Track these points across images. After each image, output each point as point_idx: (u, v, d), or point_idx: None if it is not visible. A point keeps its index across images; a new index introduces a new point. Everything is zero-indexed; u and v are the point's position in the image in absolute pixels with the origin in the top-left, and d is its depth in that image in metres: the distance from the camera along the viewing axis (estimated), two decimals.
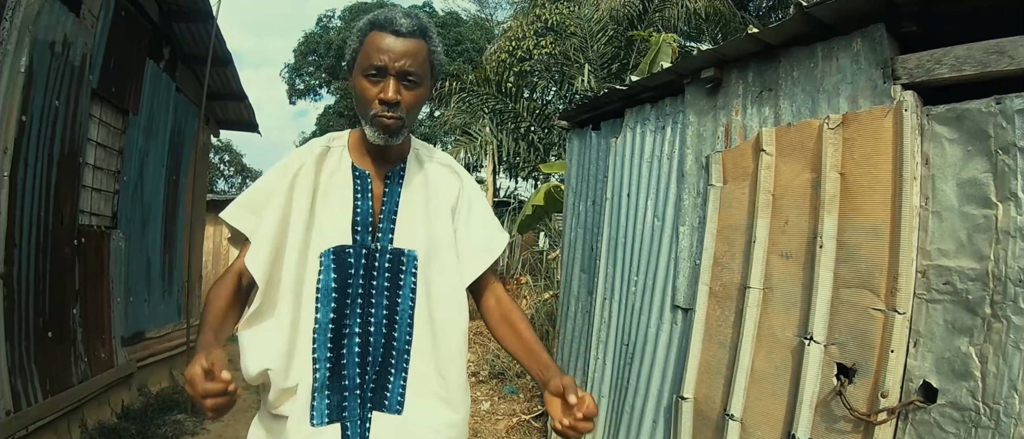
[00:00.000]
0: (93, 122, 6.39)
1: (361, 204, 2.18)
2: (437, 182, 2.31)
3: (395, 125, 2.05)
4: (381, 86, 2.02)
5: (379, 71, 2.01)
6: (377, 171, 2.23)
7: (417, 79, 2.05)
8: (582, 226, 6.29)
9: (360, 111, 2.09)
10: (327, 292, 2.08)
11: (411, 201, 2.24)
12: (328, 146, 2.25)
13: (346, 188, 2.19)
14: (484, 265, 2.32)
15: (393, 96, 2.00)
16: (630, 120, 5.54)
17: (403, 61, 2.00)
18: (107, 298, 6.86)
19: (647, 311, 5.02)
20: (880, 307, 3.26)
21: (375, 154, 2.22)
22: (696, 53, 4.49)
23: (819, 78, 3.77)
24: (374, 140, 2.09)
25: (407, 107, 2.06)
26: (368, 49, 2.03)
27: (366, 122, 2.08)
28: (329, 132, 2.37)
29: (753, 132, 4.16)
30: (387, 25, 2.02)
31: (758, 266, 3.97)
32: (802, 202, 3.76)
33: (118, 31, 6.51)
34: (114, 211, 7.07)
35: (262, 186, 2.19)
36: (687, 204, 4.66)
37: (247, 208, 2.16)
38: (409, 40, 2.02)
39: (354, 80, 2.10)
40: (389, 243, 2.18)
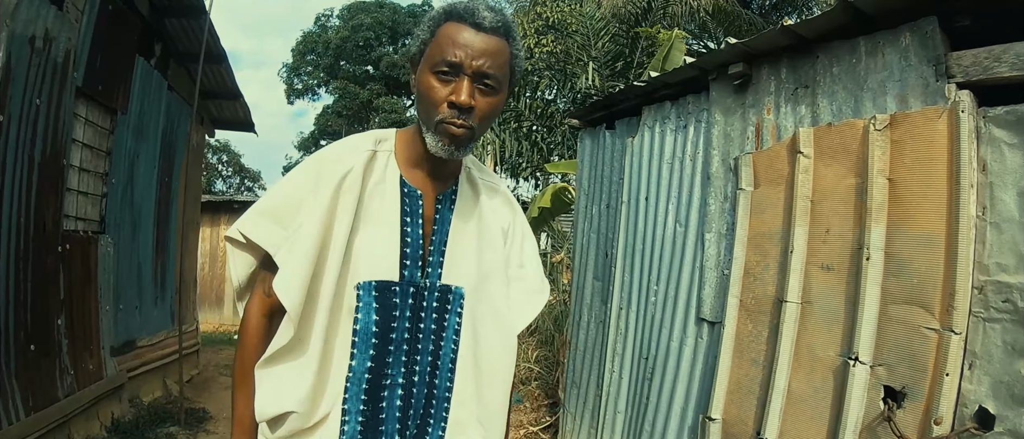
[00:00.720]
0: (78, 122, 6.09)
1: (411, 231, 1.90)
2: (489, 211, 2.05)
3: (464, 135, 1.76)
4: (453, 87, 1.73)
5: (452, 69, 1.72)
6: (429, 190, 1.94)
7: (495, 84, 1.77)
8: (595, 231, 5.99)
9: (423, 114, 1.80)
10: (367, 335, 1.82)
11: (463, 231, 1.98)
12: (373, 149, 1.91)
13: (393, 208, 1.88)
14: (535, 310, 2.08)
15: (467, 99, 1.71)
16: (648, 119, 5.24)
17: (482, 60, 1.72)
18: (95, 307, 6.58)
19: (669, 323, 4.73)
20: (933, 326, 3.04)
21: (429, 169, 1.93)
22: (722, 46, 4.19)
23: (862, 75, 3.52)
24: (435, 151, 1.78)
25: (480, 116, 1.77)
26: (442, 42, 1.74)
27: (428, 128, 1.78)
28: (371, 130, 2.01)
29: (788, 132, 3.90)
30: (467, 16, 1.74)
31: (795, 278, 3.72)
32: (845, 209, 3.51)
33: (105, 26, 6.22)
34: (102, 215, 6.78)
35: (291, 191, 1.84)
36: (713, 209, 4.38)
37: (271, 217, 1.82)
38: (491, 37, 1.75)
39: (419, 77, 1.80)
40: (438, 279, 1.92)
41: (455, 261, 1.93)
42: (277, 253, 1.78)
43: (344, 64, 37.44)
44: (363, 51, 37.15)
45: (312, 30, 40.18)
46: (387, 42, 37.98)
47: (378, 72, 36.81)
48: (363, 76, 37.22)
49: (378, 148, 1.91)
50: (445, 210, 1.95)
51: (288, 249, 1.76)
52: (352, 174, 1.82)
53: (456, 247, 1.94)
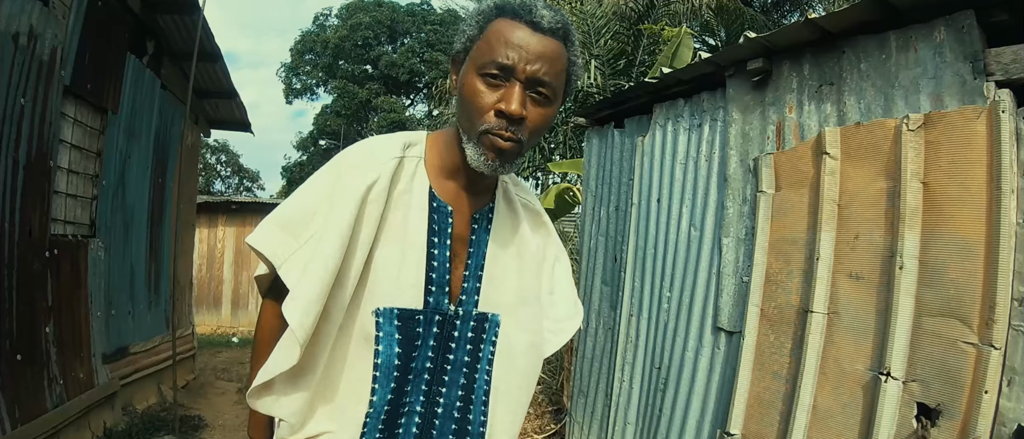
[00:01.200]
0: (66, 122, 5.89)
1: (438, 252, 1.71)
2: (526, 231, 1.87)
3: (511, 149, 1.57)
4: (502, 93, 1.53)
5: (503, 72, 1.52)
6: (461, 207, 1.75)
7: (550, 93, 1.57)
8: (603, 234, 5.77)
9: (465, 121, 1.60)
10: (388, 369, 1.65)
11: (500, 255, 1.81)
12: (401, 156, 1.70)
13: (419, 224, 1.68)
14: (566, 337, 1.94)
15: (518, 108, 1.51)
16: (660, 117, 5.04)
17: (538, 64, 1.52)
18: (85, 313, 6.38)
19: (683, 332, 4.53)
20: (971, 340, 2.89)
21: (463, 183, 1.74)
22: (724, 46, 3.98)
23: (893, 71, 3.35)
24: (476, 164, 1.59)
25: (531, 128, 1.57)
26: (492, 40, 1.55)
27: (470, 138, 1.58)
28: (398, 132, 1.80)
29: (812, 132, 3.72)
30: (523, 13, 1.55)
31: (822, 287, 3.54)
32: (875, 214, 3.34)
33: (94, 23, 6.02)
34: (92, 218, 6.60)
35: (305, 200, 1.66)
36: (731, 213, 4.18)
37: (283, 227, 1.64)
38: (549, 39, 1.55)
39: (463, 79, 1.60)
40: (474, 307, 1.76)
41: (493, 287, 1.78)
42: (283, 266, 1.59)
43: (343, 63, 37.44)
44: (362, 50, 37.14)
45: (310, 29, 40.23)
46: (386, 41, 38.01)
47: (377, 71, 36.85)
48: (362, 75, 37.21)
49: (406, 154, 1.71)
50: (481, 231, 1.78)
51: (302, 270, 1.56)
52: (378, 186, 1.62)
53: (494, 272, 1.78)
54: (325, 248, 1.54)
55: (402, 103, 37.27)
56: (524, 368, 1.81)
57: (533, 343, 1.82)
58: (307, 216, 1.62)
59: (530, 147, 1.64)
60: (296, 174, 38.12)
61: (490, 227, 1.79)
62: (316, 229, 1.59)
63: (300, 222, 1.61)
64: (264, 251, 1.60)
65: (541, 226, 1.92)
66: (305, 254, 1.58)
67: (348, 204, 1.57)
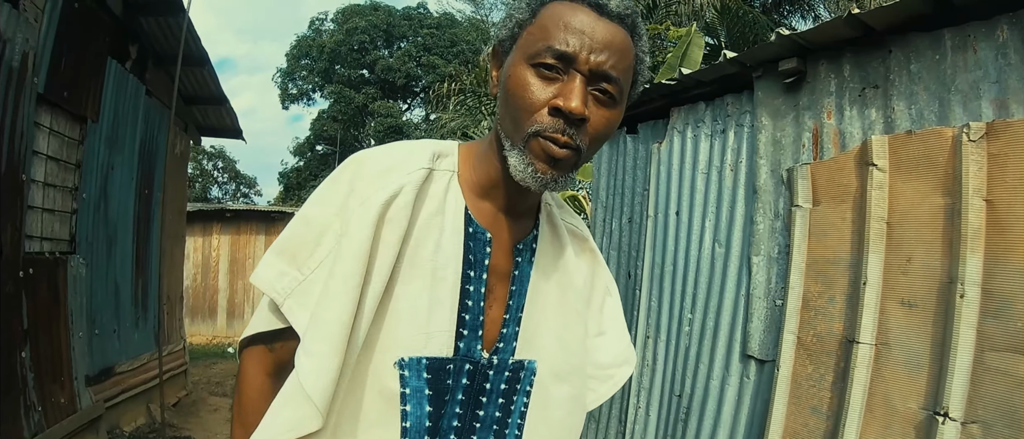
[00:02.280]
0: (41, 132, 5.57)
1: (474, 289, 1.37)
2: (572, 262, 1.53)
3: (567, 159, 1.24)
4: (559, 88, 1.22)
5: (561, 62, 1.21)
6: (501, 233, 1.42)
7: (616, 92, 1.25)
8: (615, 247, 5.43)
9: (508, 123, 1.28)
10: (419, 431, 1.34)
11: (544, 291, 1.48)
12: (430, 167, 1.35)
13: (453, 254, 1.34)
14: (616, 386, 1.63)
15: (580, 105, 1.19)
16: (678, 122, 4.70)
17: (604, 55, 1.22)
18: (65, 334, 6.09)
19: (707, 358, 4.20)
20: None
21: (503, 202, 1.40)
22: (773, 38, 3.64)
23: (949, 74, 3.04)
24: (521, 177, 1.26)
25: (592, 134, 1.26)
26: (548, 23, 1.25)
27: (514, 143, 1.26)
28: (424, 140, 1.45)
29: (854, 140, 3.40)
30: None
31: (869, 314, 3.23)
32: (931, 235, 3.04)
33: (71, 26, 5.71)
34: (72, 233, 6.29)
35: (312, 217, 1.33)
36: (761, 228, 3.84)
37: (285, 254, 1.32)
38: (617, 27, 1.25)
39: (509, 70, 1.29)
40: (511, 354, 1.43)
41: (535, 331, 1.45)
42: (285, 303, 1.28)
43: (339, 68, 37.45)
44: (358, 55, 37.09)
45: (306, 34, 40.13)
46: (382, 45, 37.98)
47: (373, 76, 36.87)
48: (358, 80, 37.18)
49: (436, 166, 1.36)
50: (524, 264, 1.45)
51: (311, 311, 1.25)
52: (401, 200, 1.28)
53: (535, 311, 1.45)
54: (339, 283, 1.23)
55: (399, 108, 37.20)
56: (562, 423, 1.49)
57: (574, 395, 1.51)
58: (313, 238, 1.31)
59: (589, 159, 1.34)
60: (293, 180, 38.12)
61: (533, 258, 1.47)
62: (325, 254, 1.28)
63: (305, 246, 1.31)
64: (261, 285, 1.30)
65: (588, 254, 1.60)
66: (314, 288, 1.27)
67: (364, 222, 1.25)
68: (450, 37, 36.16)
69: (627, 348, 1.65)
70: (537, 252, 1.47)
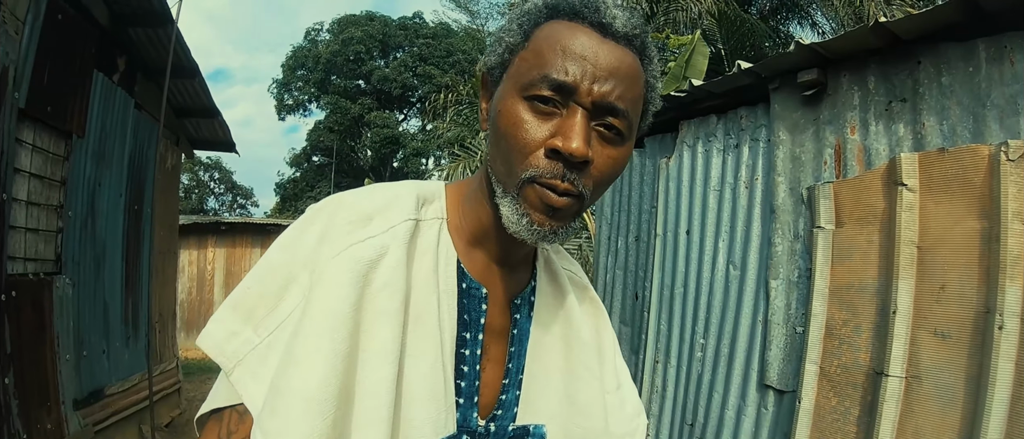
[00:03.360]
0: (23, 149, 5.34)
1: (469, 352, 1.17)
2: (576, 313, 1.32)
3: (567, 208, 1.05)
4: (557, 124, 1.02)
5: (560, 93, 1.02)
6: (496, 286, 1.22)
7: (624, 128, 1.06)
8: (621, 267, 5.23)
9: (500, 165, 1.08)
10: None
11: (546, 348, 1.28)
12: (415, 218, 1.14)
13: (448, 314, 1.14)
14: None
15: (581, 146, 1.00)
16: (687, 136, 4.51)
17: (610, 84, 1.02)
18: (51, 357, 5.88)
19: (722, 387, 4.00)
20: None
21: (496, 253, 1.21)
22: (792, 47, 3.45)
23: (984, 87, 2.85)
24: (516, 229, 1.06)
25: (597, 177, 1.06)
26: (544, 48, 1.05)
27: (507, 190, 1.07)
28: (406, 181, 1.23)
29: (881, 157, 3.20)
30: (588, 13, 1.06)
31: (899, 345, 3.03)
32: (966, 260, 2.85)
33: (54, 38, 5.49)
34: (58, 253, 6.05)
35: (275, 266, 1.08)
36: (780, 250, 3.64)
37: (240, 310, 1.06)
38: (625, 51, 1.06)
39: (500, 104, 1.08)
40: (511, 420, 1.23)
41: (539, 393, 1.26)
42: (235, 371, 1.03)
43: (335, 79, 37.53)
44: (354, 65, 37.14)
45: (302, 45, 40.25)
46: (378, 56, 38.12)
47: (369, 86, 36.98)
48: (354, 90, 37.24)
49: (422, 215, 1.16)
50: (523, 320, 1.26)
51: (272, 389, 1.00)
52: (390, 260, 1.07)
53: (538, 371, 1.26)
54: (308, 345, 0.99)
55: (395, 118, 37.21)
56: None
57: None
58: (275, 291, 1.06)
59: (593, 203, 1.12)
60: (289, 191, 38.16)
61: (532, 313, 1.27)
62: (289, 312, 1.04)
63: (264, 301, 1.06)
64: (207, 347, 1.05)
65: (590, 303, 1.38)
66: (273, 353, 1.03)
67: (343, 278, 1.02)
68: (446, 47, 36.18)
69: (637, 399, 1.45)
70: (536, 305, 1.28)
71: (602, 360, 1.35)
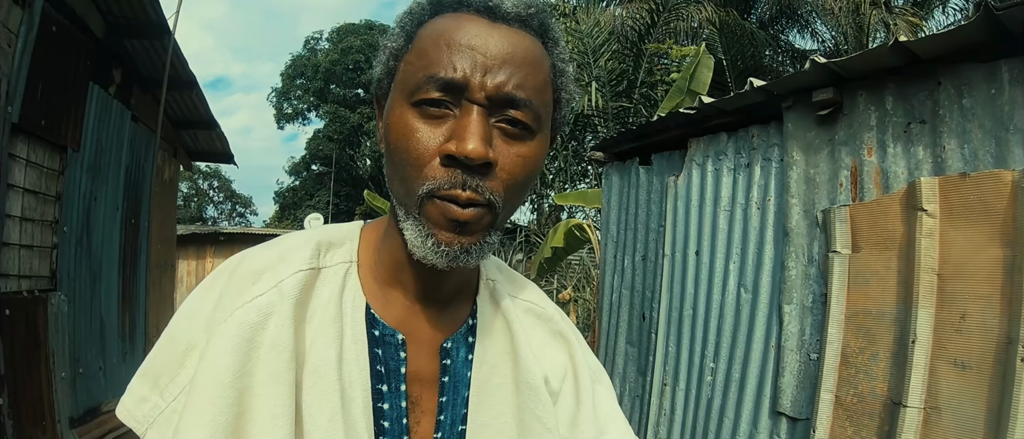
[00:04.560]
0: (17, 164, 5.26)
1: (389, 406, 1.05)
2: (525, 356, 1.13)
3: (476, 219, 0.93)
4: (451, 127, 0.92)
5: (450, 92, 0.91)
6: (420, 330, 1.09)
7: (529, 119, 0.94)
8: (628, 287, 5.13)
9: (398, 185, 0.98)
10: None
11: (494, 394, 1.12)
12: (314, 267, 1.04)
13: (358, 366, 1.01)
14: None
15: (478, 147, 0.89)
16: (696, 154, 4.40)
17: (504, 73, 0.92)
18: (46, 375, 5.79)
19: (733, 412, 3.90)
20: None
21: (417, 290, 1.08)
22: (808, 66, 3.35)
23: (1007, 110, 2.75)
24: (422, 254, 0.95)
25: (507, 180, 0.95)
26: (427, 46, 0.95)
27: (408, 211, 0.96)
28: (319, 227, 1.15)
29: (899, 181, 3.11)
30: (472, 0, 0.96)
31: (918, 375, 2.92)
32: (988, 289, 2.75)
33: (48, 51, 5.41)
34: (53, 269, 5.96)
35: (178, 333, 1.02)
36: (794, 274, 3.54)
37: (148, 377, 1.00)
38: (519, 33, 0.96)
39: (390, 115, 0.98)
40: None
41: None
42: (146, 435, 0.97)
43: (334, 88, 37.52)
44: (353, 74, 37.14)
45: (301, 53, 40.23)
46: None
47: (368, 95, 36.91)
48: (353, 99, 37.25)
49: (324, 263, 1.06)
50: (457, 364, 1.11)
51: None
52: (277, 319, 0.97)
53: (487, 421, 1.10)
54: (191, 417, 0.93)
55: None
56: None
57: None
58: (177, 358, 1.00)
59: (512, 214, 1.04)
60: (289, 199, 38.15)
61: (471, 356, 1.12)
62: (188, 379, 0.98)
63: (167, 368, 1.00)
64: (121, 415, 1.01)
65: (556, 338, 1.22)
66: (176, 417, 0.97)
67: (225, 346, 0.96)
68: None
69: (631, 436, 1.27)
70: (478, 346, 1.13)
71: (578, 412, 1.20)
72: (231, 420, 0.94)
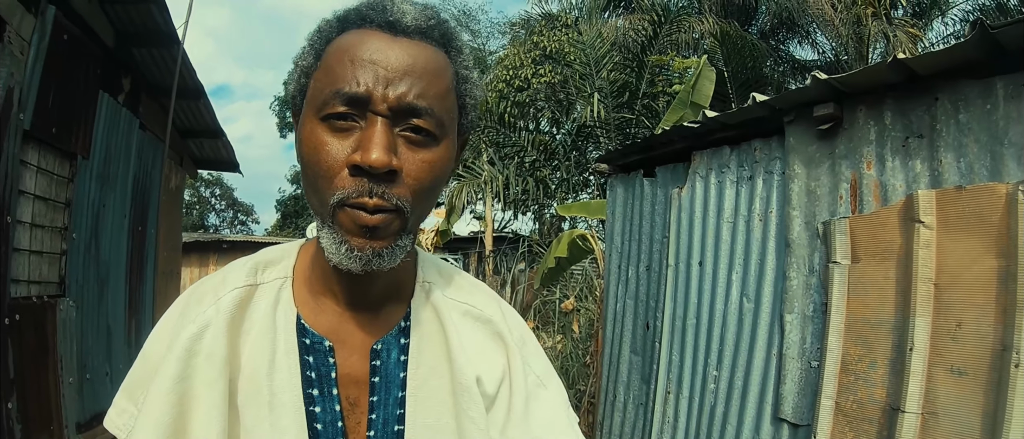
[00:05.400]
0: (28, 171, 5.29)
1: (322, 409, 1.12)
2: (458, 357, 1.18)
3: (385, 224, 0.99)
4: (357, 139, 0.98)
5: (354, 106, 0.98)
6: (351, 335, 1.15)
7: (433, 126, 1.01)
8: (632, 296, 5.18)
9: (313, 197, 1.04)
10: None
11: (433, 395, 1.17)
12: (251, 283, 1.15)
13: (287, 374, 1.10)
14: None
15: (381, 157, 0.95)
16: (700, 166, 4.46)
17: (405, 85, 0.99)
18: (55, 381, 5.79)
19: (735, 419, 3.95)
20: None
21: (346, 298, 1.15)
22: (809, 82, 3.43)
23: (1002, 125, 2.83)
24: (338, 260, 1.01)
25: (414, 186, 1.01)
26: (333, 63, 1.02)
27: (323, 221, 1.02)
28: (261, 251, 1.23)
29: (897, 193, 3.17)
30: (374, 15, 1.03)
31: (915, 382, 2.99)
32: (984, 299, 2.82)
33: (59, 59, 5.43)
34: (61, 275, 5.98)
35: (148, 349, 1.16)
36: (795, 284, 3.60)
37: (127, 389, 1.14)
38: (419, 45, 1.03)
39: (302, 130, 1.06)
40: None
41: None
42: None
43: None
44: None
45: None
46: None
47: None
48: None
49: (261, 280, 1.16)
50: (389, 364, 1.16)
51: None
52: (212, 331, 1.09)
53: (428, 421, 1.15)
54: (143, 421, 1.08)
55: None
56: None
57: None
58: (148, 374, 1.12)
59: (423, 218, 1.10)
60: (290, 208, 38.08)
61: (404, 357, 1.17)
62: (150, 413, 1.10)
63: (140, 383, 1.12)
64: (108, 425, 1.13)
65: (498, 343, 1.24)
66: None
67: (170, 359, 1.08)
68: None
69: None
70: (413, 348, 1.17)
71: (498, 410, 1.21)
72: (174, 419, 1.06)
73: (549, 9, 18.32)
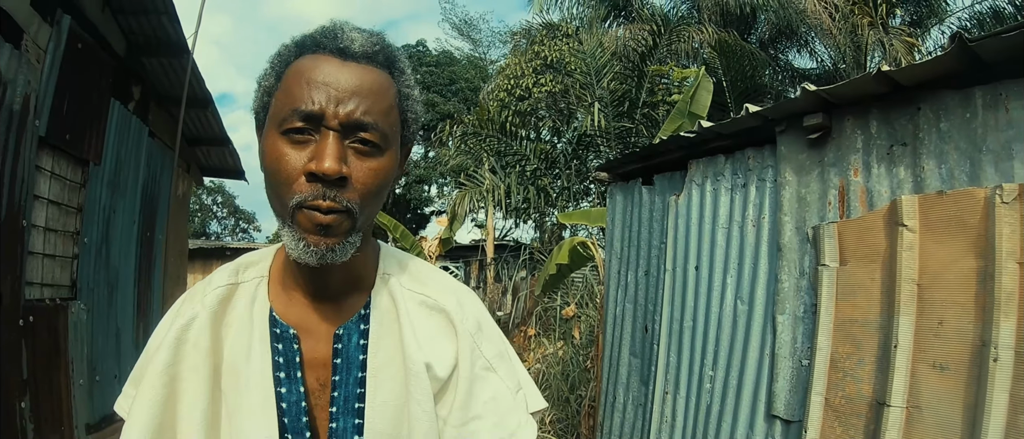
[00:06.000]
0: (42, 176, 5.42)
1: (287, 390, 1.28)
2: (410, 343, 1.30)
3: (336, 224, 1.15)
4: (313, 149, 1.15)
5: (310, 122, 1.15)
6: (315, 323, 1.31)
7: (378, 139, 1.18)
8: (631, 300, 5.30)
9: (275, 202, 1.20)
10: None
11: (390, 377, 1.30)
12: (232, 282, 1.33)
13: (261, 361, 1.26)
14: None
15: (334, 165, 1.12)
16: (696, 174, 4.58)
17: (353, 103, 1.15)
18: (66, 382, 5.88)
19: (730, 417, 4.07)
20: None
21: (310, 290, 1.31)
22: (799, 93, 3.56)
23: (980, 133, 2.96)
24: (297, 256, 1.17)
25: (362, 190, 1.18)
26: (291, 84, 1.18)
27: (284, 222, 1.18)
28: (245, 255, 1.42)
29: (882, 199, 3.30)
30: (327, 42, 1.20)
31: (900, 378, 3.11)
32: (964, 298, 2.95)
33: (73, 67, 5.56)
34: (73, 279, 6.10)
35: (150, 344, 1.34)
36: (786, 287, 3.72)
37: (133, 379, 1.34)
38: (366, 68, 1.20)
39: (264, 142, 1.22)
40: None
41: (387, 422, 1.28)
42: None
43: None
44: None
45: None
46: None
47: None
48: None
49: (241, 279, 1.34)
50: (351, 348, 1.30)
51: None
52: (198, 323, 1.27)
53: (387, 400, 1.28)
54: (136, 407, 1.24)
55: None
56: None
57: None
58: (147, 360, 1.31)
59: (372, 217, 1.25)
60: None
61: (364, 341, 1.31)
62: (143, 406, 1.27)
63: (143, 370, 1.30)
64: (117, 409, 1.33)
65: (446, 327, 1.35)
66: None
67: (163, 348, 1.26)
68: (449, 75, 35.83)
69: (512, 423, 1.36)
70: (372, 333, 1.31)
71: (446, 390, 1.32)
72: (165, 398, 1.24)
73: (550, 19, 18.37)
